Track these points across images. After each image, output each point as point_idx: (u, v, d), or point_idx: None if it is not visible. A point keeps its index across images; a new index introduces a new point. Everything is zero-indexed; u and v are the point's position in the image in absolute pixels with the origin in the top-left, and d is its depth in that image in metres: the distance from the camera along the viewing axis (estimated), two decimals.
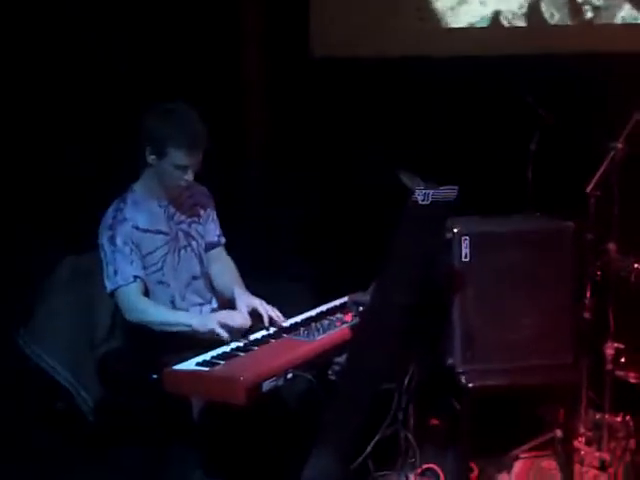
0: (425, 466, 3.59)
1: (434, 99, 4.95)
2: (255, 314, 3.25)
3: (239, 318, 3.13)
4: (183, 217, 3.40)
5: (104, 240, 3.21)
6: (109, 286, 3.21)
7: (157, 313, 3.17)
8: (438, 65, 4.88)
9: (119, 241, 3.18)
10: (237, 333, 3.14)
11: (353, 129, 5.10)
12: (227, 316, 3.12)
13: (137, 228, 3.24)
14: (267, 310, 3.25)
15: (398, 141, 4.93)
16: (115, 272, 3.18)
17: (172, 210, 3.36)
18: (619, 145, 3.58)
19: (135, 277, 3.19)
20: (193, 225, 3.43)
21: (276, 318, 3.25)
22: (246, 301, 3.27)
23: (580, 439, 3.75)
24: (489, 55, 4.90)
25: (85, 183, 4.26)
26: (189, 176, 3.22)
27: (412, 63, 4.98)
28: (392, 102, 5.05)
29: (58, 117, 4.35)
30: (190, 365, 2.90)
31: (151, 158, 3.20)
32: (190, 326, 3.11)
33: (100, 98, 4.47)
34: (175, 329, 3.13)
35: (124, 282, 3.18)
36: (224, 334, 3.05)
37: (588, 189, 3.52)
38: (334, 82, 5.16)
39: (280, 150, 5.28)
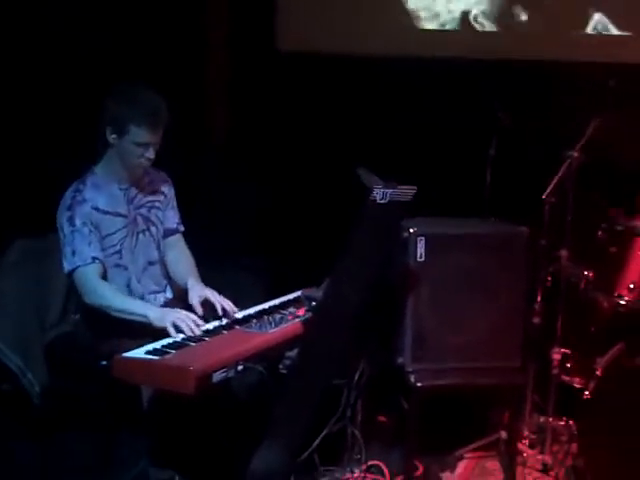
0: (370, 462, 3.61)
1: (396, 99, 4.98)
2: (207, 305, 3.25)
3: (193, 325, 3.08)
4: (143, 201, 3.38)
5: (63, 221, 3.18)
6: (67, 266, 3.17)
7: (114, 299, 3.15)
8: (402, 65, 4.90)
9: (78, 222, 3.16)
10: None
11: (315, 125, 5.11)
12: (182, 320, 3.08)
13: (97, 209, 3.21)
14: (219, 301, 3.25)
15: (358, 139, 4.96)
16: (73, 253, 3.15)
17: (132, 194, 3.34)
18: (575, 154, 3.64)
19: (94, 258, 3.16)
20: (153, 210, 3.42)
21: (229, 309, 3.25)
22: (198, 292, 3.26)
23: (524, 441, 3.82)
24: (452, 57, 4.93)
25: (40, 167, 4.20)
26: (150, 154, 3.21)
27: (375, 62, 5.00)
28: (353, 100, 5.08)
29: (14, 102, 4.28)
30: (140, 353, 2.88)
31: (112, 138, 3.18)
32: (146, 317, 3.09)
33: (59, 84, 4.41)
34: (130, 317, 3.11)
35: (82, 263, 3.15)
36: (174, 335, 3.04)
37: (544, 196, 3.58)
38: (298, 77, 5.17)
39: (241, 143, 5.28)
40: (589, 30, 4.84)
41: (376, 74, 5.00)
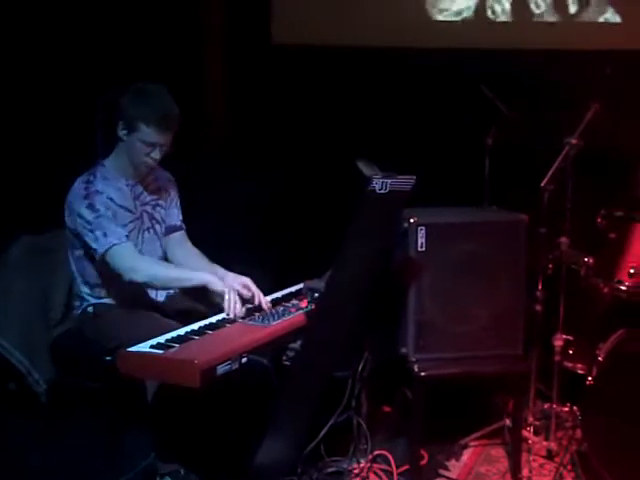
0: (376, 452, 3.63)
1: (394, 89, 4.99)
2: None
3: (239, 306, 3.12)
4: (148, 199, 3.40)
5: (82, 209, 3.15)
6: (100, 249, 3.13)
7: (163, 270, 3.18)
8: (398, 56, 4.91)
9: (101, 207, 3.15)
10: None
11: (314, 117, 5.12)
12: (241, 285, 3.15)
13: (112, 200, 3.22)
14: (257, 292, 3.24)
15: (357, 130, 4.96)
16: (105, 234, 3.13)
17: (138, 190, 3.36)
18: (573, 140, 3.65)
19: (127, 236, 3.18)
20: (157, 208, 3.43)
21: (264, 302, 3.23)
22: (238, 279, 3.25)
23: (528, 428, 3.83)
24: (449, 48, 4.95)
25: (41, 163, 4.20)
26: (156, 154, 3.21)
27: (372, 53, 5.01)
28: (351, 92, 5.08)
29: (18, 100, 4.28)
30: (144, 347, 2.87)
31: (122, 133, 3.20)
32: (201, 281, 3.12)
33: (59, 82, 4.41)
34: (188, 284, 3.14)
35: (118, 241, 3.13)
36: (231, 298, 3.07)
37: (542, 183, 3.59)
38: (294, 70, 5.18)
39: (239, 136, 5.28)
40: (585, 18, 4.85)
41: (374, 66, 5.01)
